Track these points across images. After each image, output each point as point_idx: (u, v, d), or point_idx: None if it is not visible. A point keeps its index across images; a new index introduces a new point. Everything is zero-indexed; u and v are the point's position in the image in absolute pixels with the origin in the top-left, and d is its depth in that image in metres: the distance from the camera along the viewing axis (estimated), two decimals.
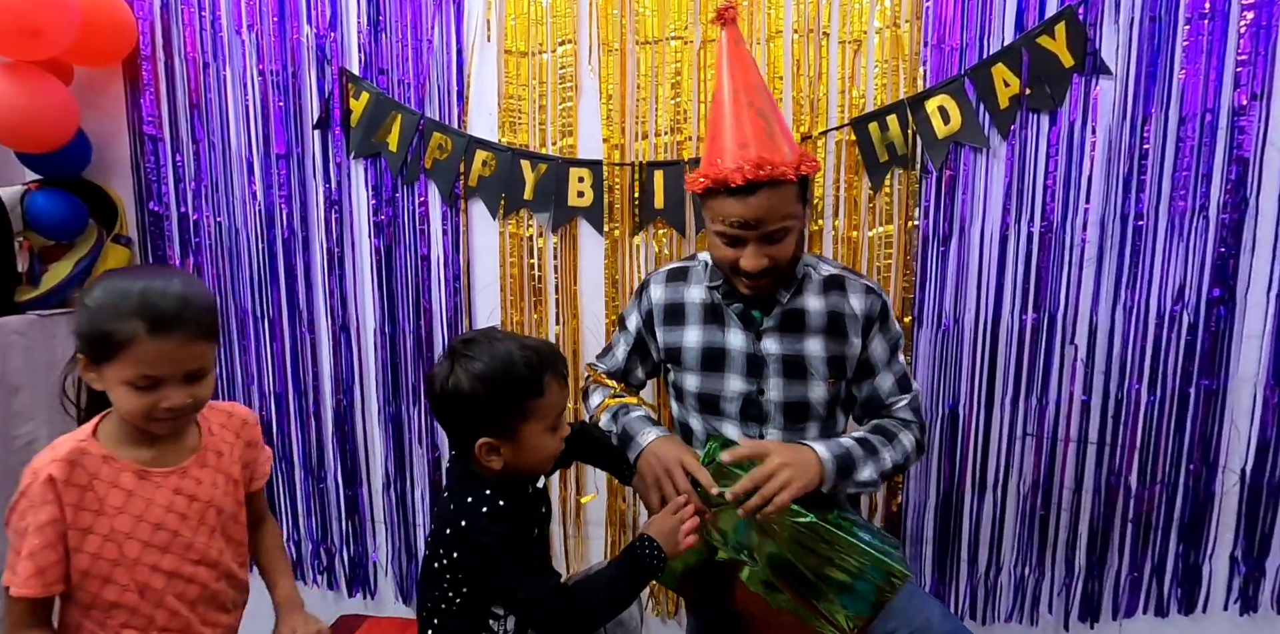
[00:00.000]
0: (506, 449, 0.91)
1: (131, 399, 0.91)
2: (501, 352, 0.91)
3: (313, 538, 1.89)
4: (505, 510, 0.92)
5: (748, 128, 1.08)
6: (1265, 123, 1.42)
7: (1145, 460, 1.55)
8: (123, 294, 0.90)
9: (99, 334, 0.89)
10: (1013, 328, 1.54)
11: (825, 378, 1.19)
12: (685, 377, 1.25)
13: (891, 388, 1.22)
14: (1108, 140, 1.46)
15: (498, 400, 0.89)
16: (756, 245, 1.09)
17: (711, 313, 1.23)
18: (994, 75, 1.47)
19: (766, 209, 1.06)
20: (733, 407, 1.22)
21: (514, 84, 1.62)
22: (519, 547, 0.94)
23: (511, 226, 1.67)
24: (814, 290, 1.20)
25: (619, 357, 1.33)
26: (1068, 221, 1.50)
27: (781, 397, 1.20)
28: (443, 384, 0.91)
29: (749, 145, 1.06)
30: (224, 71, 1.71)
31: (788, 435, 1.21)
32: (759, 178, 1.04)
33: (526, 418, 0.91)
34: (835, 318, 1.19)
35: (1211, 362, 1.50)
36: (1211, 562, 1.57)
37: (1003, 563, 1.63)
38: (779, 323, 1.19)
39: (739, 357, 1.20)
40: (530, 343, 0.95)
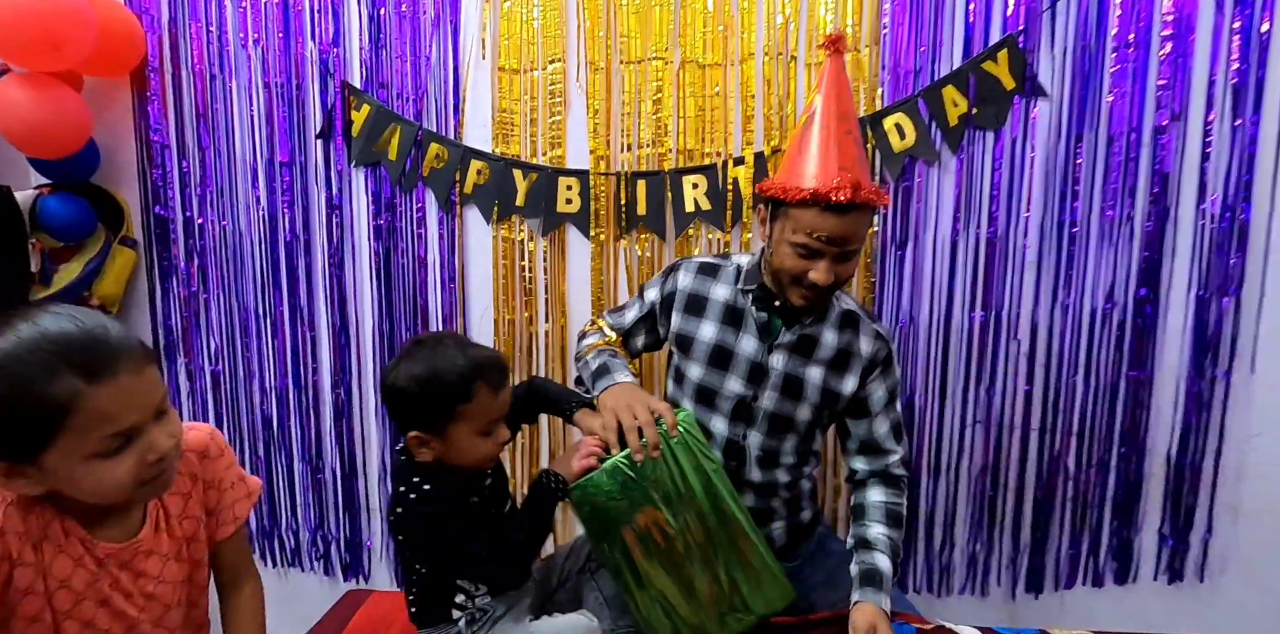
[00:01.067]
0: (436, 444, 0.99)
1: (108, 472, 0.72)
2: (441, 356, 0.97)
3: (310, 526, 1.98)
4: (432, 494, 0.99)
5: (852, 154, 1.14)
6: (1183, 141, 1.59)
7: (1082, 445, 1.71)
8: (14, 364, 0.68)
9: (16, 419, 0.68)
10: (963, 325, 1.69)
11: (815, 404, 1.28)
12: (690, 366, 1.32)
13: (887, 435, 1.31)
14: (1045, 156, 1.62)
15: (427, 400, 0.96)
16: (831, 261, 1.15)
17: (732, 314, 1.29)
18: (944, 96, 1.62)
19: (854, 229, 1.13)
20: (726, 405, 1.29)
21: (507, 99, 1.74)
22: (448, 523, 0.99)
23: (504, 231, 1.79)
24: (831, 322, 1.27)
25: (627, 319, 1.39)
26: (1010, 229, 1.65)
27: (773, 408, 1.28)
28: (385, 379, 1.00)
29: (850, 168, 1.12)
30: (230, 83, 1.81)
31: (768, 440, 1.30)
32: (859, 199, 1.10)
33: (454, 419, 0.97)
34: (843, 356, 1.27)
35: (1139, 355, 1.66)
36: (1141, 536, 1.73)
37: (955, 540, 1.78)
38: (793, 343, 1.26)
39: (745, 362, 1.27)
40: (473, 352, 0.99)
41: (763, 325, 1.27)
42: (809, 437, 1.34)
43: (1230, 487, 1.67)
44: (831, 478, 1.78)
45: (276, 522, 1.99)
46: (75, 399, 0.68)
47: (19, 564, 0.74)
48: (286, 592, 1.99)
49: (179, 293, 1.91)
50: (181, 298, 1.92)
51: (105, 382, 0.69)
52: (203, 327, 1.92)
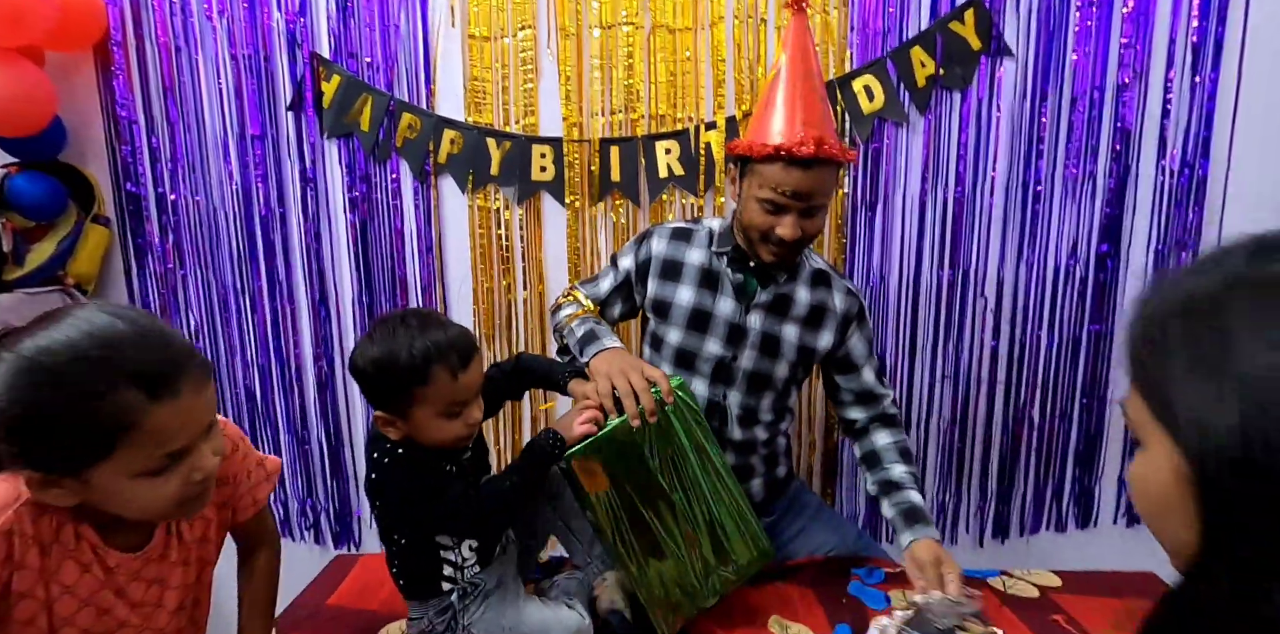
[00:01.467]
0: (401, 425, 0.98)
1: (153, 490, 0.70)
2: (398, 339, 0.95)
3: (299, 496, 2.02)
4: (407, 454, 0.99)
5: (816, 111, 1.16)
6: (1144, 98, 1.63)
7: (1046, 397, 1.78)
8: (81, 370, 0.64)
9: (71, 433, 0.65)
10: (931, 283, 1.74)
11: (792, 361, 1.32)
12: (669, 331, 1.33)
13: (875, 382, 1.38)
14: (1011, 115, 1.65)
15: (385, 384, 0.95)
16: (797, 216, 1.17)
17: (708, 277, 1.30)
18: (912, 57, 1.64)
19: (817, 184, 1.15)
20: (706, 367, 1.32)
21: (478, 67, 1.73)
22: (424, 478, 0.99)
23: (480, 200, 1.80)
24: (804, 281, 1.31)
25: (602, 289, 1.39)
26: (977, 188, 1.69)
27: (751, 367, 1.31)
28: (350, 358, 0.99)
29: (814, 124, 1.14)
30: (196, 56, 1.78)
31: (747, 399, 1.33)
32: (823, 154, 1.12)
33: (413, 403, 0.95)
34: (818, 312, 1.31)
35: (1100, 309, 1.72)
36: (1101, 483, 1.81)
37: (925, 491, 1.85)
38: (769, 302, 1.29)
39: (723, 323, 1.29)
40: (434, 334, 0.96)
41: (738, 286, 1.29)
42: (785, 393, 1.38)
43: None
44: (806, 434, 1.84)
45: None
46: (137, 416, 0.65)
47: (20, 567, 0.71)
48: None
49: (155, 270, 1.91)
50: (158, 275, 1.92)
51: (168, 400, 0.67)
52: (181, 304, 1.92)
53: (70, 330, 0.66)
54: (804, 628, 1.13)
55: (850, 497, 1.88)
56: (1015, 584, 1.27)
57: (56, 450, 0.66)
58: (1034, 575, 1.29)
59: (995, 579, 1.28)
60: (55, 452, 0.66)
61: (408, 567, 1.07)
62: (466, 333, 1.01)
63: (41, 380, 0.64)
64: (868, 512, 1.88)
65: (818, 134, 1.13)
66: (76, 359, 0.65)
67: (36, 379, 0.64)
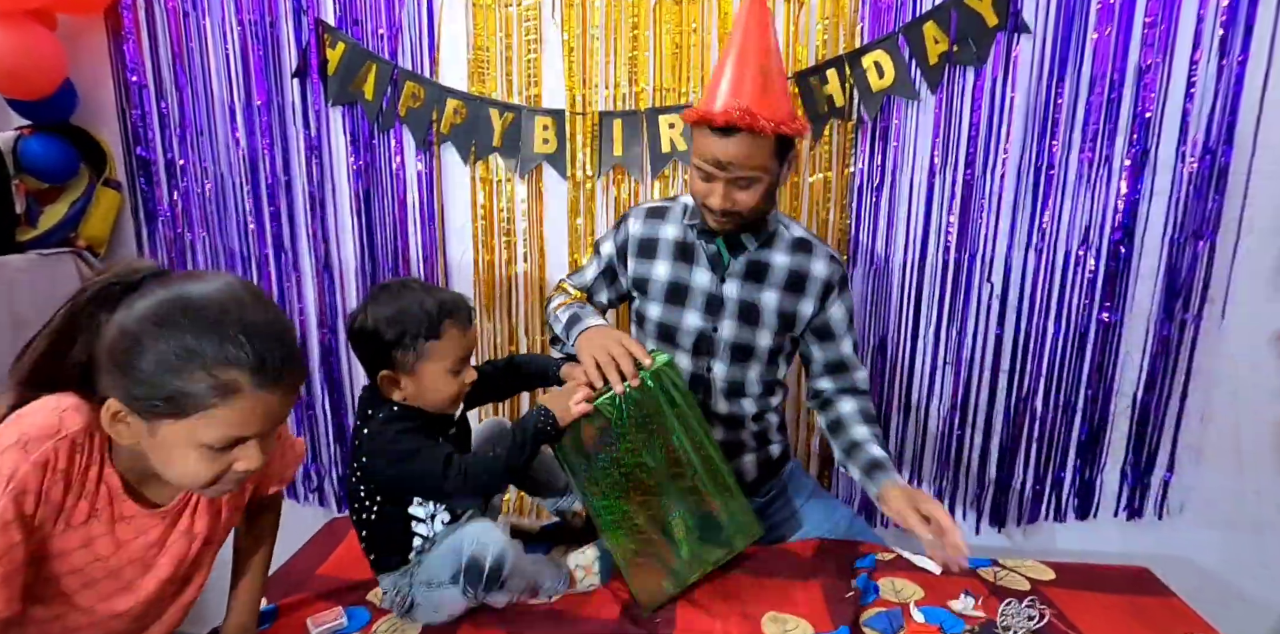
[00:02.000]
0: (407, 383, 1.02)
1: (200, 462, 0.73)
2: (408, 298, 1.02)
3: (304, 460, 2.05)
4: (399, 414, 1.03)
5: (747, 82, 1.17)
6: (1167, 81, 1.56)
7: (1050, 387, 1.74)
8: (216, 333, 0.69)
9: (180, 388, 0.68)
10: (937, 267, 1.70)
11: (774, 329, 1.31)
12: (649, 306, 1.36)
13: (851, 354, 1.36)
14: (1025, 95, 1.60)
15: (398, 339, 1.00)
16: (726, 186, 1.19)
17: (683, 251, 1.33)
18: (925, 33, 1.58)
19: (738, 154, 1.16)
20: (687, 340, 1.34)
21: (482, 35, 1.71)
22: (414, 437, 1.02)
23: (482, 171, 1.79)
24: (782, 248, 1.31)
25: (588, 277, 1.43)
26: (988, 170, 1.64)
27: (732, 337, 1.32)
28: (352, 323, 1.04)
29: (742, 96, 1.15)
30: (204, 21, 1.79)
31: (732, 370, 1.34)
32: (738, 122, 1.13)
33: (423, 358, 1.01)
34: (797, 277, 1.30)
35: (1111, 298, 1.67)
36: (1103, 474, 1.78)
37: (923, 476, 1.84)
38: (744, 270, 1.30)
39: (700, 294, 1.32)
40: (440, 294, 1.03)
41: (713, 257, 1.31)
42: (772, 365, 1.37)
43: (1194, 429, 1.71)
44: (805, 416, 1.83)
45: None
46: (232, 395, 0.69)
47: (46, 501, 0.73)
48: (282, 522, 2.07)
49: (165, 234, 1.94)
50: (168, 240, 1.94)
51: (264, 392, 0.71)
52: (190, 268, 1.95)
53: (224, 296, 0.72)
54: (803, 622, 1.10)
55: (848, 480, 1.87)
56: (1006, 575, 1.24)
57: (149, 391, 0.69)
58: (1026, 567, 1.27)
59: (986, 569, 1.26)
60: (148, 394, 0.69)
61: (379, 538, 1.08)
62: (464, 296, 1.08)
63: (182, 329, 0.69)
64: (863, 497, 1.86)
65: (744, 105, 1.14)
66: (217, 324, 0.70)
67: (178, 326, 0.69)
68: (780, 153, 1.21)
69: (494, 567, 1.00)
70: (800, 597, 1.17)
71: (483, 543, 1.01)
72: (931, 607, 1.13)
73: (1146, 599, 1.18)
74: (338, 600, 1.18)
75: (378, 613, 1.15)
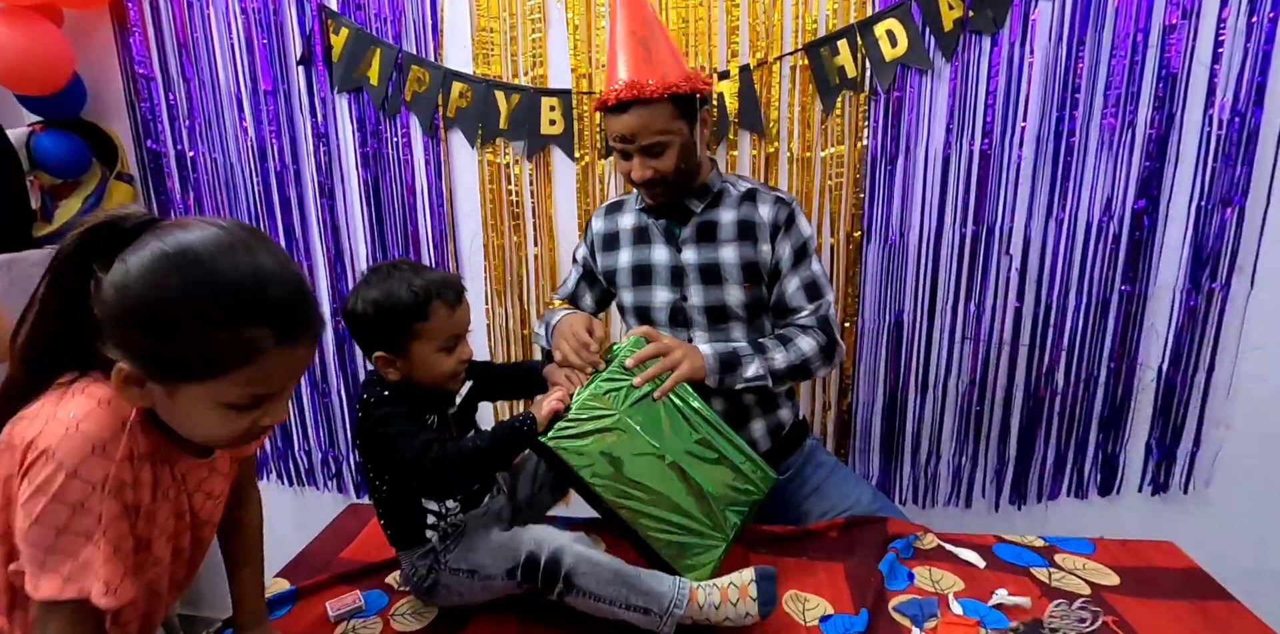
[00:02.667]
0: (401, 363, 1.03)
1: (224, 421, 0.71)
2: (396, 280, 1.02)
3: (321, 447, 2.08)
4: (390, 397, 1.03)
5: (627, 55, 1.22)
6: (1193, 40, 1.50)
7: (1071, 360, 1.70)
8: (232, 291, 0.65)
9: (201, 350, 0.65)
10: (954, 240, 1.67)
11: (740, 282, 1.32)
12: (623, 294, 1.41)
13: (796, 292, 1.31)
14: (1044, 61, 1.55)
15: (386, 321, 1.01)
16: (640, 157, 1.24)
17: (640, 234, 1.38)
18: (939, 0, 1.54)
19: (638, 125, 1.21)
20: (662, 315, 1.36)
21: (485, 17, 1.69)
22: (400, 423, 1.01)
23: (489, 155, 1.77)
24: (729, 204, 1.33)
25: (570, 285, 1.50)
26: (1006, 140, 1.60)
27: (703, 302, 1.33)
28: (345, 307, 1.05)
29: (627, 70, 1.21)
30: (208, 11, 1.78)
31: (713, 336, 1.34)
32: (626, 97, 1.19)
33: (415, 338, 1.02)
34: (746, 226, 1.32)
35: (1134, 268, 1.62)
36: (1127, 449, 1.74)
37: (942, 454, 1.81)
38: (695, 234, 1.33)
39: (664, 269, 1.35)
40: (427, 274, 1.04)
41: (666, 232, 1.35)
42: (754, 323, 1.36)
43: (1220, 401, 1.67)
44: (821, 395, 1.81)
45: (290, 443, 2.09)
46: (257, 353, 0.66)
47: (138, 485, 0.73)
48: (302, 508, 2.11)
49: None
50: None
51: (287, 347, 0.68)
52: None
53: (230, 246, 0.66)
54: (823, 602, 1.09)
55: (864, 458, 1.85)
56: (1064, 578, 1.15)
57: (168, 355, 0.65)
58: (1087, 570, 1.17)
59: (1041, 569, 1.17)
60: (166, 356, 0.66)
61: (392, 516, 1.09)
62: (455, 275, 1.08)
63: (192, 287, 0.64)
64: (880, 475, 1.85)
65: (630, 78, 1.20)
66: (232, 281, 0.65)
67: (186, 284, 0.64)
68: (684, 113, 1.24)
69: (550, 564, 1.00)
70: (823, 577, 1.17)
71: (539, 541, 1.02)
72: (971, 599, 1.09)
73: (1213, 604, 1.09)
74: (356, 584, 1.20)
75: (395, 596, 1.17)
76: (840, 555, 1.23)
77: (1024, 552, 1.25)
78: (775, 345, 1.29)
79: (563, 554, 1.00)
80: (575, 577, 0.99)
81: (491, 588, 1.05)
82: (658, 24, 1.29)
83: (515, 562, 1.02)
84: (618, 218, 1.42)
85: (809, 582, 1.15)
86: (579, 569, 0.99)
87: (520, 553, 1.02)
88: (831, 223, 1.69)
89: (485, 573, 1.04)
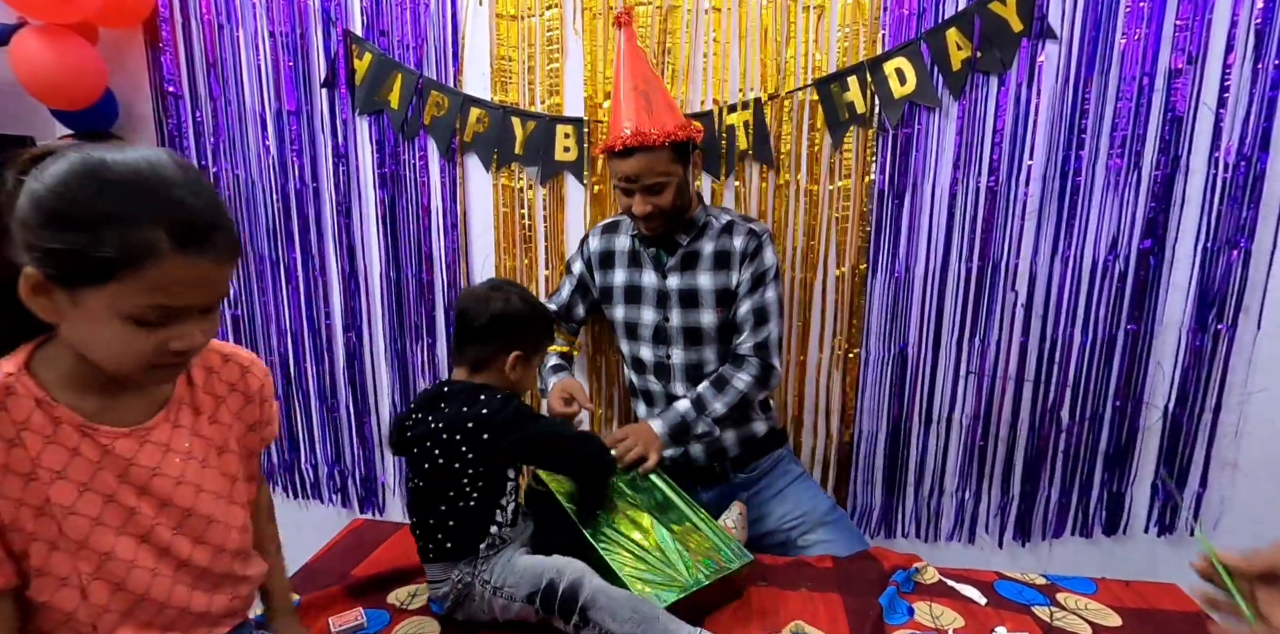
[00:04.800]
0: (522, 367, 1.16)
1: (130, 339, 0.68)
2: (533, 296, 1.22)
3: (328, 461, 2.10)
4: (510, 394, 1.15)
5: (631, 107, 1.40)
6: (1199, 85, 1.53)
7: (1076, 397, 1.70)
8: (129, 188, 0.66)
9: (94, 243, 0.64)
10: (959, 275, 1.68)
11: (714, 307, 1.47)
12: (615, 309, 1.59)
13: (745, 315, 1.47)
14: (1051, 101, 1.57)
15: (541, 326, 1.18)
16: (642, 195, 1.41)
17: (633, 257, 1.56)
18: (948, 39, 1.57)
19: (642, 168, 1.38)
20: (647, 332, 1.54)
21: (505, 46, 1.74)
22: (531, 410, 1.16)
23: (504, 179, 1.81)
24: (710, 236, 1.49)
25: (564, 294, 1.66)
26: (1012, 178, 1.62)
27: (681, 323, 1.50)
28: (498, 307, 1.15)
29: (631, 120, 1.38)
30: (237, 33, 1.84)
31: (688, 354, 1.52)
32: (631, 144, 1.37)
33: (540, 350, 1.21)
34: (722, 256, 1.48)
35: (1140, 307, 1.63)
36: (1133, 489, 1.73)
37: (945, 488, 1.81)
38: (679, 262, 1.50)
39: (651, 291, 1.53)
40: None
41: (654, 259, 1.53)
42: (725, 343, 1.51)
43: (1229, 442, 1.66)
44: (822, 425, 1.81)
45: (297, 456, 2.10)
46: (151, 256, 0.65)
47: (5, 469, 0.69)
48: (308, 521, 2.12)
49: None
50: None
51: (189, 254, 0.67)
52: None
53: (140, 157, 0.67)
54: None
55: (866, 490, 1.84)
56: (1065, 617, 1.14)
57: (67, 253, 0.65)
58: (1089, 610, 1.17)
59: (1042, 608, 1.17)
60: (65, 254, 0.65)
61: (463, 525, 1.11)
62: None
63: (92, 184, 0.65)
64: (883, 508, 1.84)
65: (634, 128, 1.37)
66: (131, 181, 0.66)
67: (87, 181, 0.65)
68: (679, 158, 1.41)
69: (567, 593, 1.02)
70: (821, 610, 1.16)
71: (560, 569, 1.06)
72: None
73: None
74: (360, 600, 1.21)
75: (398, 615, 1.17)
76: (838, 588, 1.22)
77: (1025, 589, 1.24)
78: (713, 395, 1.46)
79: (581, 586, 1.01)
80: (591, 609, 0.99)
81: (510, 609, 1.08)
82: (656, 78, 1.48)
83: (536, 587, 1.04)
84: (614, 238, 1.58)
85: (808, 614, 1.14)
86: (596, 602, 1.00)
87: (542, 579, 1.04)
88: (838, 255, 1.71)
89: (508, 593, 1.07)
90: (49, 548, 0.71)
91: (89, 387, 0.74)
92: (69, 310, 0.68)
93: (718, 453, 1.54)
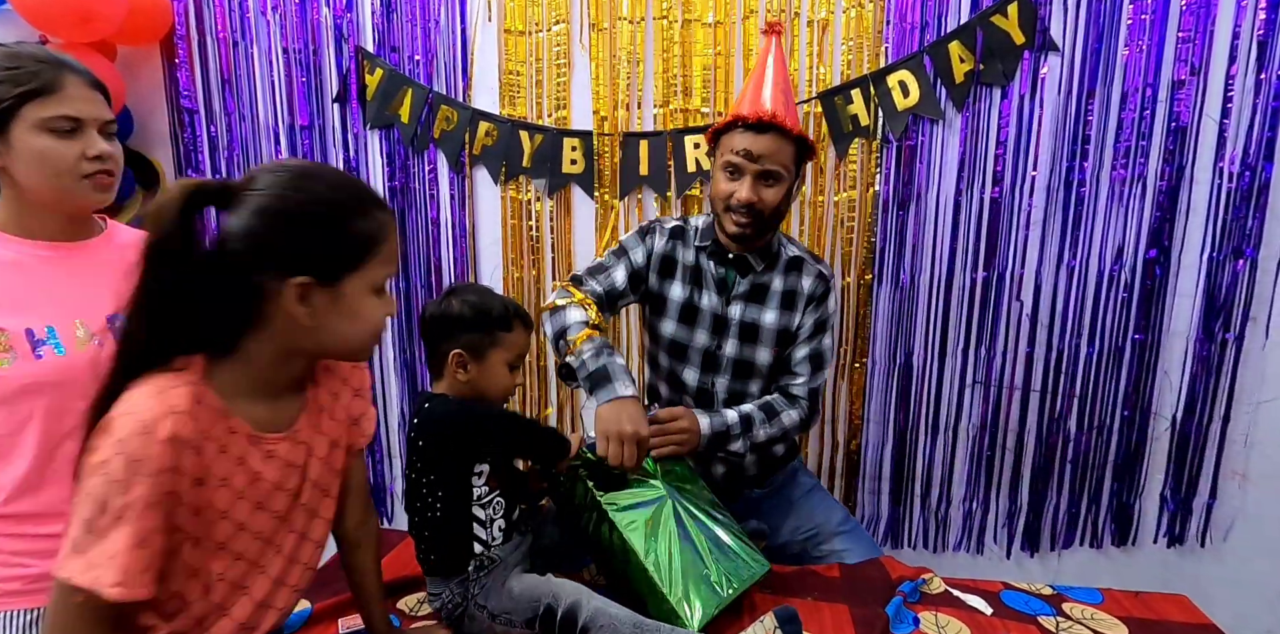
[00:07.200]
0: (473, 367, 1.10)
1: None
2: (486, 294, 1.14)
3: None
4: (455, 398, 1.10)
5: (774, 96, 1.28)
6: (1202, 95, 1.54)
7: (1083, 407, 1.70)
8: (352, 185, 0.77)
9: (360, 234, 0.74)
10: (964, 286, 1.69)
11: (772, 346, 1.38)
12: (664, 323, 1.41)
13: (801, 360, 1.38)
14: (1054, 113, 1.58)
15: (479, 323, 1.10)
16: (754, 180, 1.26)
17: (695, 273, 1.39)
18: (950, 52, 1.59)
19: (770, 148, 1.25)
20: (696, 356, 1.40)
21: (513, 61, 1.77)
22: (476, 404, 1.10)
23: (512, 191, 1.83)
24: (779, 270, 1.38)
25: (618, 280, 1.38)
26: (1016, 188, 1.63)
27: (735, 354, 1.38)
28: (437, 309, 1.12)
29: (772, 105, 1.27)
30: (252, 49, 1.88)
31: (734, 384, 1.39)
32: (770, 119, 1.24)
33: (495, 344, 1.11)
34: (790, 296, 1.38)
35: (1146, 317, 1.63)
36: (1142, 500, 1.72)
37: (952, 498, 1.80)
38: (747, 292, 1.37)
39: (708, 316, 1.39)
40: (507, 299, 1.16)
41: (719, 280, 1.39)
42: (773, 379, 1.42)
43: (1238, 453, 1.65)
44: (829, 434, 1.82)
45: None
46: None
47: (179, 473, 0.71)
48: None
49: None
50: None
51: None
52: None
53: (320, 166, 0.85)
54: None
55: (872, 499, 1.85)
56: (1071, 627, 1.13)
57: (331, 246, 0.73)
58: (1095, 620, 1.15)
59: (1049, 618, 1.15)
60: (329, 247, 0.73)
61: (439, 540, 1.10)
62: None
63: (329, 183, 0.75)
64: (889, 517, 1.84)
65: (772, 111, 1.25)
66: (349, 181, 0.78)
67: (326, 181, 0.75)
68: (799, 161, 1.31)
69: (566, 616, 1.01)
70: (828, 618, 1.16)
71: (556, 593, 1.04)
72: None
73: None
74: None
75: (406, 621, 1.18)
76: (844, 597, 1.22)
77: (1032, 600, 1.23)
78: (762, 420, 1.34)
79: (579, 608, 1.00)
80: (593, 630, 0.99)
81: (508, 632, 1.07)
82: (792, 90, 1.37)
83: (534, 612, 1.03)
84: (679, 247, 1.40)
85: (814, 623, 1.14)
86: (596, 623, 0.99)
87: (540, 604, 1.03)
88: (843, 265, 1.72)
89: (505, 619, 1.06)
90: (193, 545, 0.75)
91: (258, 393, 0.78)
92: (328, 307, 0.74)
93: (736, 471, 1.48)
